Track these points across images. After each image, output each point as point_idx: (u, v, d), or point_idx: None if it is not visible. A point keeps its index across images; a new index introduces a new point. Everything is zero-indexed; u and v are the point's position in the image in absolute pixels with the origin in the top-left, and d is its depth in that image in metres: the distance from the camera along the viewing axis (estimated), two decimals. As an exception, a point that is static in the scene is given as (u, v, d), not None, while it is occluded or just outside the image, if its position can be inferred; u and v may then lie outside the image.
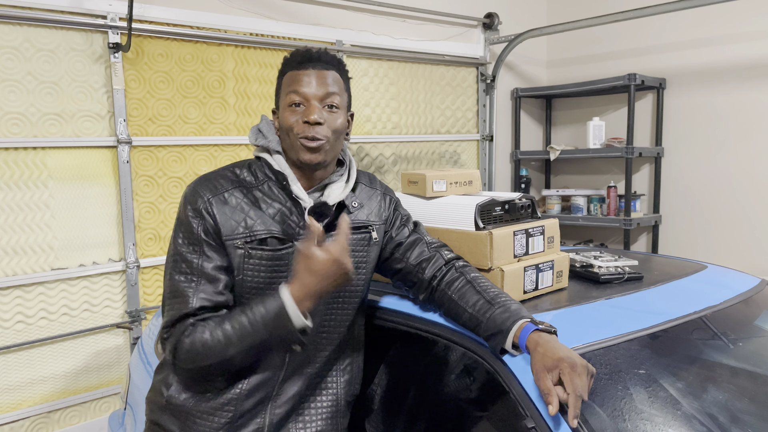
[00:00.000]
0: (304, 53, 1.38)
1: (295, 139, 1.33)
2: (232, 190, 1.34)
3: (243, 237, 1.30)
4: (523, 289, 1.57)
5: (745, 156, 3.47)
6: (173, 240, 1.33)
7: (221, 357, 1.25)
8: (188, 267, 1.30)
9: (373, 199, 1.51)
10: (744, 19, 3.41)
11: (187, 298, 1.28)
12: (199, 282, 1.29)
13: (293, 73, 1.36)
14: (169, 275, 1.32)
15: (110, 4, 2.65)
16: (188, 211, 1.31)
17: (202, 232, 1.30)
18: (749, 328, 1.66)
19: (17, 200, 2.52)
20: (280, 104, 1.37)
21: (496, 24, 4.04)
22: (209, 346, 1.25)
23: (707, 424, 1.25)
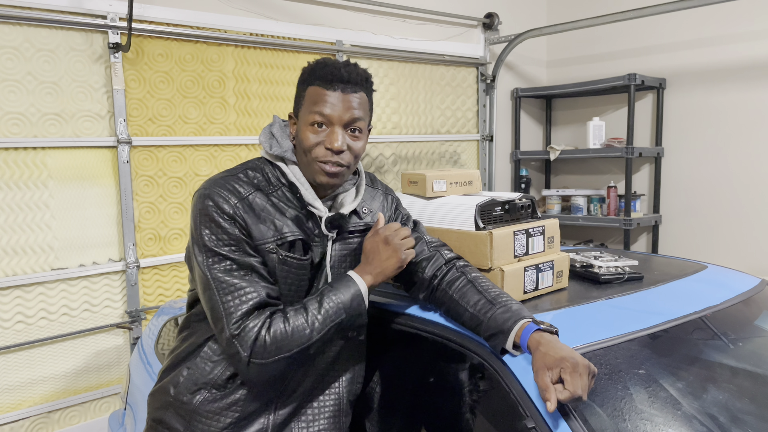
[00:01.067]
0: (333, 71, 1.32)
1: (314, 162, 1.33)
2: (255, 193, 1.34)
3: (274, 240, 1.32)
4: (523, 289, 1.57)
5: (745, 156, 3.47)
6: (206, 244, 1.28)
7: (304, 344, 1.28)
8: (234, 263, 1.28)
9: (376, 200, 1.54)
10: (744, 19, 3.41)
11: (247, 289, 1.27)
12: (251, 274, 1.29)
13: (320, 91, 1.32)
14: (214, 277, 1.28)
15: (110, 4, 2.65)
16: (220, 216, 1.28)
17: (239, 233, 1.29)
18: (749, 328, 1.66)
19: (17, 200, 2.52)
20: (301, 117, 1.35)
21: (496, 24, 4.04)
22: (292, 334, 1.26)
23: (707, 424, 1.25)
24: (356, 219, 1.46)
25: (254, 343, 1.25)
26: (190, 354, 1.40)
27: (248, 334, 1.25)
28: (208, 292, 1.29)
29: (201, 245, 1.29)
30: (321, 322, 1.29)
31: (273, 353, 1.25)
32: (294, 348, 1.27)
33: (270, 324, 1.27)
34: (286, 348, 1.26)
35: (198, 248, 1.30)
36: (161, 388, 1.42)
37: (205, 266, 1.29)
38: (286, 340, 1.26)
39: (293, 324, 1.27)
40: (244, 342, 1.25)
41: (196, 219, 1.31)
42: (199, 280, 1.31)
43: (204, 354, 1.37)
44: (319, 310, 1.30)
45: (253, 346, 1.25)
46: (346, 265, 1.44)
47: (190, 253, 1.36)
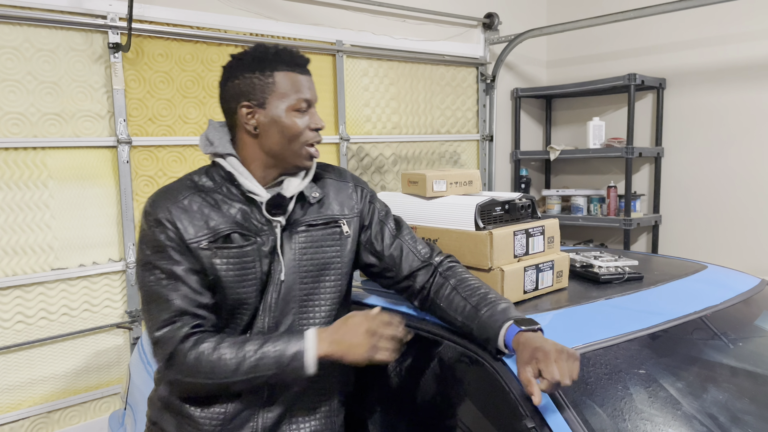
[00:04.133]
0: (295, 55, 1.37)
1: (302, 147, 1.35)
2: (191, 196, 1.34)
3: (207, 237, 1.31)
4: (523, 289, 1.57)
5: (745, 156, 3.47)
6: (140, 253, 1.33)
7: (223, 380, 1.26)
8: (161, 272, 1.29)
9: (343, 192, 1.49)
10: (744, 19, 3.41)
11: (167, 300, 1.28)
12: (174, 283, 1.28)
13: (292, 75, 1.35)
14: (141, 286, 1.32)
15: (110, 4, 2.65)
16: (150, 223, 1.31)
17: (165, 239, 1.29)
18: (749, 328, 1.66)
19: (17, 200, 2.52)
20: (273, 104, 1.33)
21: (496, 24, 4.04)
22: (214, 364, 1.25)
23: (707, 424, 1.25)
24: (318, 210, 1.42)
25: (172, 354, 1.26)
26: None
27: (162, 346, 1.27)
28: (140, 299, 1.33)
29: (138, 254, 1.34)
30: (250, 367, 1.26)
31: (187, 372, 1.26)
32: (212, 378, 1.25)
33: (197, 341, 1.27)
34: (202, 374, 1.25)
35: (136, 259, 1.36)
36: (156, 389, 1.43)
37: (138, 273, 1.33)
38: (206, 366, 1.25)
39: (221, 354, 1.25)
40: (163, 351, 1.27)
41: (140, 230, 1.35)
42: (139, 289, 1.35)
43: None
44: (254, 353, 1.26)
45: (170, 357, 1.26)
46: (308, 256, 1.39)
47: None
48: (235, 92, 1.34)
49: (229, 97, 1.36)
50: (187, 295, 1.29)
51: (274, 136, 1.34)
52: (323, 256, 1.41)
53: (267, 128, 1.34)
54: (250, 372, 1.25)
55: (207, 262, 1.30)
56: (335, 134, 3.42)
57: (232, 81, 1.35)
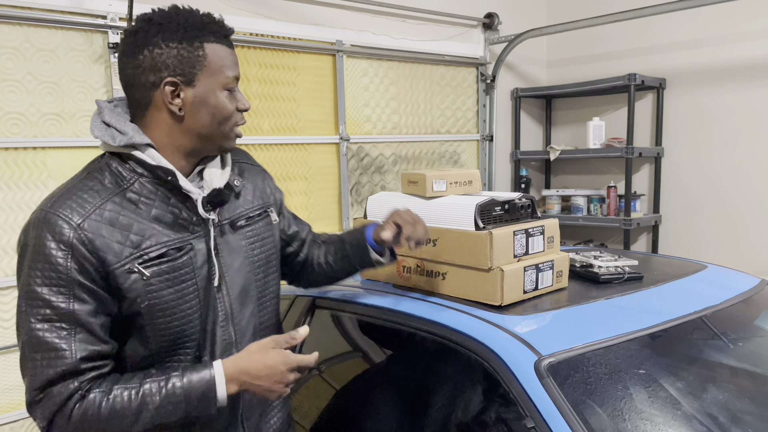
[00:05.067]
0: (221, 23, 1.18)
1: (231, 129, 1.20)
2: (104, 203, 1.09)
3: (133, 258, 1.09)
4: (523, 289, 1.57)
5: (745, 156, 3.47)
6: (26, 279, 1.06)
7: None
8: (54, 313, 1.04)
9: (258, 177, 1.37)
10: (744, 19, 3.41)
11: (62, 351, 1.04)
12: (72, 330, 1.05)
13: (223, 49, 1.17)
14: (25, 324, 1.05)
15: (110, 4, 2.65)
16: (49, 244, 1.06)
17: (75, 271, 1.04)
18: (749, 328, 1.66)
19: (17, 200, 2.52)
20: (204, 81, 1.14)
21: (496, 24, 4.04)
22: (107, 420, 1.04)
23: (707, 424, 1.25)
24: (246, 199, 1.29)
25: (55, 416, 1.04)
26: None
27: (49, 403, 1.04)
28: (20, 341, 1.09)
29: (20, 284, 1.07)
30: (152, 415, 1.06)
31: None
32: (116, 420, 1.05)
33: (83, 398, 1.04)
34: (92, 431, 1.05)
35: (18, 287, 1.08)
36: None
37: (20, 310, 1.06)
38: (97, 424, 1.04)
39: (114, 406, 1.04)
40: (44, 412, 1.05)
41: (22, 250, 1.10)
42: (16, 325, 1.10)
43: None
44: (155, 397, 1.06)
45: (54, 421, 1.05)
46: (258, 251, 1.29)
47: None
48: (156, 64, 1.12)
49: (145, 70, 1.12)
50: (88, 346, 1.05)
51: (203, 118, 1.15)
52: (267, 249, 1.31)
53: (195, 109, 1.14)
54: (155, 419, 1.06)
55: (136, 286, 1.09)
56: (335, 134, 3.42)
57: (149, 50, 1.12)
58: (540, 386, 1.19)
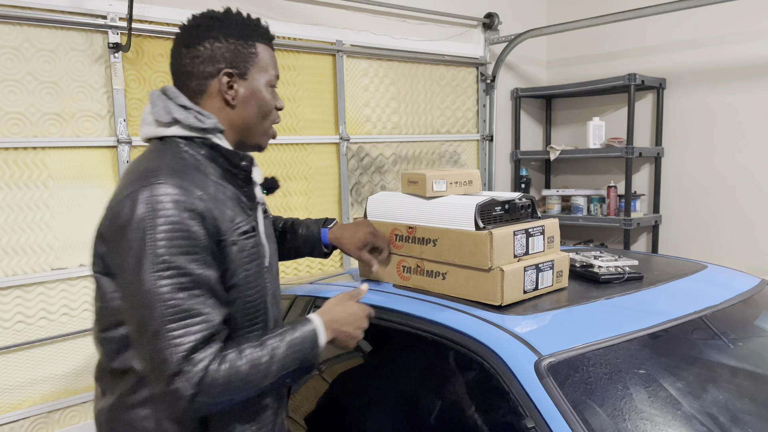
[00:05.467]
0: (267, 28, 1.33)
1: (270, 126, 1.32)
2: (205, 179, 1.17)
3: (232, 231, 1.17)
4: (523, 288, 1.57)
5: (745, 156, 3.47)
6: (156, 254, 1.06)
7: (256, 387, 1.13)
8: (191, 280, 1.08)
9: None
10: (744, 19, 3.41)
11: (203, 316, 1.07)
12: (207, 294, 1.10)
13: (269, 50, 1.31)
14: (159, 298, 1.05)
15: (110, 4, 2.65)
16: (181, 213, 1.08)
17: (205, 237, 1.10)
18: (749, 328, 1.66)
19: (17, 200, 2.52)
20: (254, 77, 1.26)
21: (496, 24, 4.05)
22: (246, 374, 1.10)
23: (707, 424, 1.25)
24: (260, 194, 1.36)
25: (202, 381, 1.06)
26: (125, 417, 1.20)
27: (195, 370, 1.05)
28: (146, 315, 1.06)
29: (148, 255, 1.06)
30: (278, 367, 1.14)
31: (221, 393, 1.08)
32: (245, 390, 1.11)
33: (223, 359, 1.09)
34: (236, 388, 1.10)
35: (136, 260, 1.07)
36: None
37: (148, 282, 1.05)
38: (239, 379, 1.10)
39: (250, 361, 1.11)
40: (191, 379, 1.05)
41: (142, 222, 1.07)
42: (134, 301, 1.08)
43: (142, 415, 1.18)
44: (280, 347, 1.14)
45: (201, 384, 1.06)
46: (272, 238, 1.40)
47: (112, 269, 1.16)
48: (215, 56, 1.21)
49: (204, 60, 1.21)
50: (221, 309, 1.12)
51: (251, 109, 1.26)
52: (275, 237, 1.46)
53: (245, 100, 1.25)
54: (281, 369, 1.14)
55: (235, 260, 1.17)
56: (335, 134, 3.42)
57: (210, 42, 1.21)
58: (540, 386, 1.19)
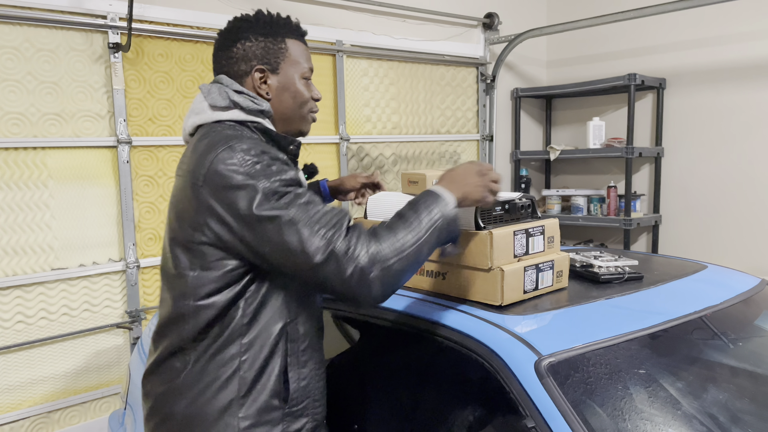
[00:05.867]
0: (298, 24, 1.42)
1: (308, 113, 1.41)
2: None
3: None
4: (523, 288, 1.57)
5: (745, 156, 3.47)
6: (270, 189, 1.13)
7: (416, 242, 1.17)
8: (308, 198, 1.16)
9: None
10: (744, 19, 3.41)
11: (335, 211, 1.17)
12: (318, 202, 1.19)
13: (300, 45, 1.41)
14: (293, 215, 1.13)
15: (110, 4, 2.65)
16: (278, 162, 1.17)
17: (293, 174, 1.18)
18: (749, 328, 1.66)
19: (17, 200, 2.52)
20: (286, 71, 1.36)
21: (496, 24, 4.05)
22: (400, 231, 1.17)
23: (707, 424, 1.25)
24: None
25: (368, 250, 1.12)
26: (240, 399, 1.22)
27: (359, 244, 1.12)
28: (289, 232, 1.12)
29: (262, 193, 1.13)
30: (425, 222, 1.20)
31: (391, 254, 1.13)
32: (408, 246, 1.15)
33: (371, 231, 1.17)
34: (399, 246, 1.14)
35: (250, 201, 1.13)
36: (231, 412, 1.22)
37: (275, 210, 1.13)
38: (397, 237, 1.15)
39: (394, 225, 1.18)
40: (358, 252, 1.11)
41: (242, 167, 1.14)
42: (271, 229, 1.13)
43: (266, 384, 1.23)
44: (414, 210, 1.21)
45: (369, 254, 1.12)
46: None
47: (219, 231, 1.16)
48: (247, 55, 1.34)
49: (238, 60, 1.34)
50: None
51: (286, 100, 1.37)
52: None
53: (279, 93, 1.36)
54: (428, 228, 1.20)
55: None
56: (335, 134, 3.42)
57: (242, 43, 1.34)
58: (540, 386, 1.19)
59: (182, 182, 1.25)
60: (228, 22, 1.40)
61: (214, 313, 1.21)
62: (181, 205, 1.24)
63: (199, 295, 1.21)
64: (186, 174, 1.23)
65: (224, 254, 1.19)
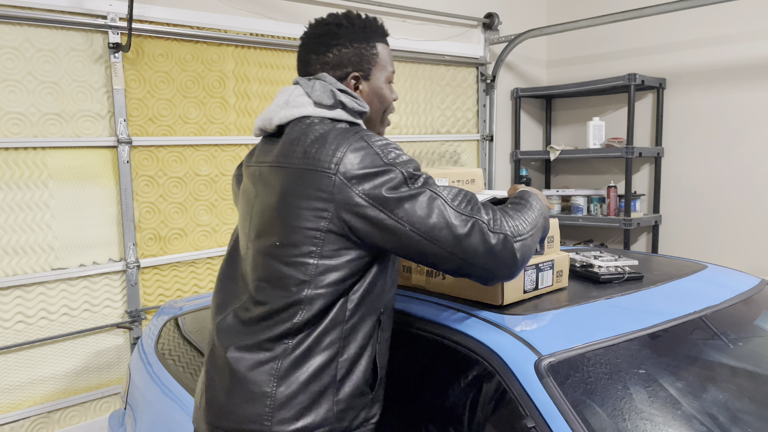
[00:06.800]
0: (383, 26, 1.43)
1: (386, 116, 1.44)
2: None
3: None
4: (523, 288, 1.57)
5: (745, 156, 3.47)
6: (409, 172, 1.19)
7: (536, 219, 1.32)
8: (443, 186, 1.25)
9: None
10: (744, 19, 3.41)
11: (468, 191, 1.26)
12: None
13: (386, 48, 1.41)
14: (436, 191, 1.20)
15: (110, 4, 2.65)
16: (403, 152, 1.25)
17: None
18: (749, 328, 1.66)
19: (17, 200, 2.52)
20: (376, 75, 1.39)
21: (496, 24, 4.05)
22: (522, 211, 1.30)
23: (707, 424, 1.25)
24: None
25: (508, 222, 1.24)
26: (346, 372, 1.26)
27: (498, 217, 1.23)
28: (432, 207, 1.18)
29: (401, 176, 1.19)
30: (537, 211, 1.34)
31: (524, 230, 1.25)
32: (533, 227, 1.28)
33: (503, 211, 1.27)
34: (529, 224, 1.27)
35: (392, 184, 1.18)
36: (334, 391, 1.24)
37: (415, 190, 1.18)
38: (525, 217, 1.28)
39: (517, 208, 1.31)
40: (500, 224, 1.22)
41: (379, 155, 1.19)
42: (415, 207, 1.17)
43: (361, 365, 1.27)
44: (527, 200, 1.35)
45: (509, 226, 1.23)
46: None
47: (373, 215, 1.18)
48: (343, 60, 1.35)
49: (333, 66, 1.35)
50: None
51: (375, 105, 1.39)
52: None
53: (369, 98, 1.38)
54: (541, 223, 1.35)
55: None
56: (335, 134, 3.42)
57: (338, 49, 1.35)
58: (540, 386, 1.19)
59: (287, 171, 1.22)
60: (318, 24, 1.40)
61: (328, 301, 1.21)
62: (290, 194, 1.21)
63: (319, 284, 1.21)
64: (295, 162, 1.21)
65: (350, 244, 1.21)
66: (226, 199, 3.08)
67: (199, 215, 2.99)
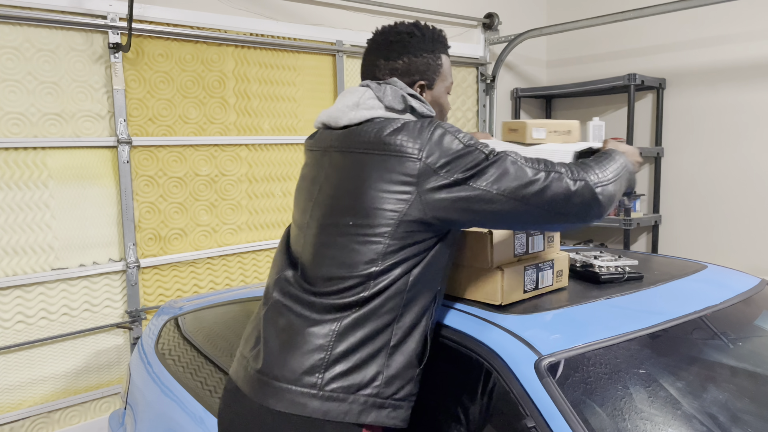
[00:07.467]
0: (446, 38, 1.47)
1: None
2: None
3: None
4: (523, 288, 1.57)
5: (745, 156, 3.47)
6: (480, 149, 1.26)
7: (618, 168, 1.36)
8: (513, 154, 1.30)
9: None
10: (744, 19, 3.41)
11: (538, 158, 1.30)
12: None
13: (448, 59, 1.47)
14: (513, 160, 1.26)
15: (110, 4, 2.65)
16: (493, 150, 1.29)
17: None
18: (749, 328, 1.66)
19: (17, 200, 2.52)
20: (439, 84, 1.45)
21: (496, 24, 4.05)
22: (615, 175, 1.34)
23: (707, 424, 1.25)
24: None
25: (586, 171, 1.29)
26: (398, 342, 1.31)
27: (575, 167, 1.29)
28: (514, 168, 1.25)
29: (482, 153, 1.26)
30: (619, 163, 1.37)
31: (604, 178, 1.30)
32: (615, 176, 1.33)
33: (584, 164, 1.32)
34: (611, 173, 1.32)
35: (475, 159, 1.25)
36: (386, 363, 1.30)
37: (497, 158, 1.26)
38: (605, 168, 1.32)
39: (599, 160, 1.35)
40: (579, 172, 1.28)
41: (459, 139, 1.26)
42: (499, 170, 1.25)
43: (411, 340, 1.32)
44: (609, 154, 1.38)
45: (588, 173, 1.29)
46: None
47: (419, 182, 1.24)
48: (410, 69, 1.40)
49: (402, 73, 1.40)
50: None
51: (435, 113, 1.42)
52: None
53: (431, 107, 1.42)
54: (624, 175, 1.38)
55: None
56: (335, 134, 3.42)
57: (408, 57, 1.40)
58: (540, 386, 1.19)
59: (369, 157, 1.29)
60: (391, 30, 1.43)
61: (393, 276, 1.28)
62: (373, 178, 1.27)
63: (387, 261, 1.27)
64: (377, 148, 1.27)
65: (423, 227, 1.27)
66: (226, 199, 3.08)
67: (199, 215, 2.99)
